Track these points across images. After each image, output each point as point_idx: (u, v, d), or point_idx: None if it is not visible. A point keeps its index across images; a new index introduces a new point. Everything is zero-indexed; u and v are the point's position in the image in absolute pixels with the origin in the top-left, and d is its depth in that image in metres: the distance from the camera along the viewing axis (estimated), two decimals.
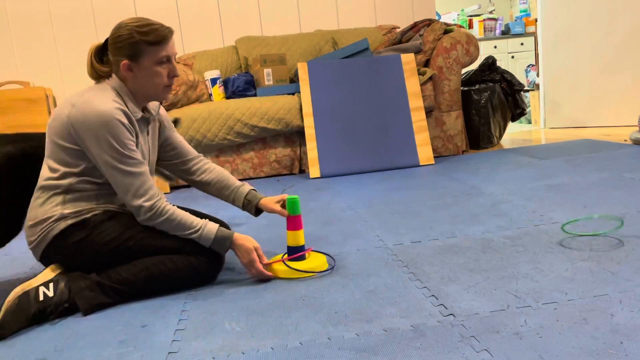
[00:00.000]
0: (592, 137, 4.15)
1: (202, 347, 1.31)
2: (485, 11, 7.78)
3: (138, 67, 1.66)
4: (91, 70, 1.71)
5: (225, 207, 2.95)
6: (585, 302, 1.34)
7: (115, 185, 1.64)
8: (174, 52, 1.71)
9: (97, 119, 1.58)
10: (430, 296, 1.48)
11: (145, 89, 1.69)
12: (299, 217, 1.82)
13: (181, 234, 1.68)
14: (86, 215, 1.65)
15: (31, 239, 1.67)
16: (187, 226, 1.67)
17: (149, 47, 1.63)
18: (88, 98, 1.62)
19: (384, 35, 4.49)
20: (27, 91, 4.08)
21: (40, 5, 4.41)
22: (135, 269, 1.65)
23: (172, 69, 1.71)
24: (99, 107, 1.59)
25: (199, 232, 1.67)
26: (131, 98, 1.70)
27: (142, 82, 1.68)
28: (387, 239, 2.05)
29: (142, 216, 1.64)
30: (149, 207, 1.63)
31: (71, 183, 1.65)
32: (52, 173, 1.66)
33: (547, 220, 2.07)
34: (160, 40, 1.65)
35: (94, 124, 1.58)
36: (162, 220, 1.65)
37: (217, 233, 1.69)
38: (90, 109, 1.59)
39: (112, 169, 1.61)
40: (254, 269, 1.72)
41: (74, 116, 1.60)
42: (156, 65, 1.67)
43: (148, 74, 1.67)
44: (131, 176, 1.62)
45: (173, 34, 1.69)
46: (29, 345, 1.43)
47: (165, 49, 1.67)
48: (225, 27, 4.70)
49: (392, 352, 1.20)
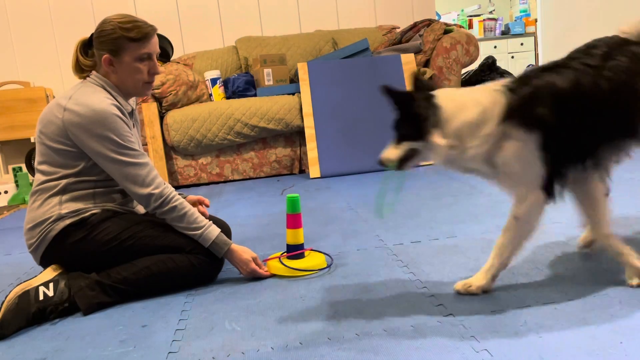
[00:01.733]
0: None
1: (202, 347, 1.31)
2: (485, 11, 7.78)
3: (119, 62, 1.66)
4: (75, 63, 1.72)
5: (225, 206, 2.95)
6: (585, 302, 1.34)
7: (122, 179, 1.64)
8: (155, 50, 1.71)
9: (95, 118, 1.58)
10: (430, 296, 1.48)
11: (125, 85, 1.70)
12: (299, 216, 1.82)
13: (184, 226, 1.67)
14: (85, 214, 1.65)
15: (30, 242, 1.67)
16: (193, 220, 1.67)
17: (130, 43, 1.64)
18: (80, 99, 1.62)
19: (384, 35, 4.49)
20: (27, 91, 4.08)
21: (40, 5, 4.41)
22: (136, 268, 1.65)
23: (152, 66, 1.71)
24: (94, 105, 1.60)
25: (201, 230, 1.68)
26: (118, 92, 1.71)
27: (123, 77, 1.69)
28: (387, 239, 2.05)
29: (153, 204, 1.64)
30: (159, 194, 1.63)
31: (68, 183, 1.65)
32: (48, 176, 1.65)
33: (547, 220, 2.07)
34: (142, 37, 1.66)
35: (92, 123, 1.59)
36: (171, 208, 1.65)
37: (217, 236, 1.69)
38: (85, 109, 1.59)
39: (117, 163, 1.61)
40: (255, 277, 1.75)
41: (69, 119, 1.60)
42: (136, 62, 1.67)
43: (128, 69, 1.68)
44: (137, 167, 1.63)
45: (156, 32, 1.70)
46: (29, 345, 1.43)
47: (147, 46, 1.67)
48: (225, 27, 4.69)
49: (392, 352, 1.20)
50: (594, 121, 1.37)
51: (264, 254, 1.97)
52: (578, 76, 1.36)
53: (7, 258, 2.35)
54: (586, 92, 1.35)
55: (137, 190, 1.63)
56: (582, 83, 1.35)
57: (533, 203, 1.41)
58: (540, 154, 1.36)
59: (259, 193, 3.27)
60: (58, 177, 1.64)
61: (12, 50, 4.41)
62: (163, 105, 3.80)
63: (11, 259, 2.32)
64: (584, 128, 1.37)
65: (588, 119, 1.37)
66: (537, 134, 1.35)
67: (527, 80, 1.38)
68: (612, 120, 1.39)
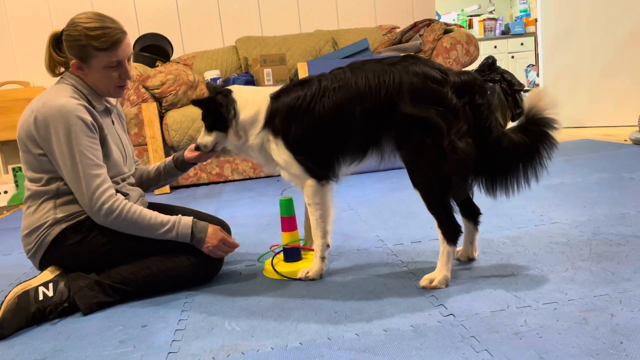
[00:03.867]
0: (592, 137, 4.15)
1: (202, 347, 1.31)
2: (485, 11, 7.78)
3: (88, 68, 1.62)
4: (49, 60, 1.68)
5: (225, 206, 2.95)
6: (585, 302, 1.34)
7: (73, 189, 1.58)
8: (126, 55, 1.64)
9: (56, 114, 1.54)
10: (430, 296, 1.48)
11: (97, 87, 1.66)
12: (294, 218, 1.82)
13: (154, 234, 1.63)
14: (80, 217, 1.63)
15: (28, 248, 1.66)
16: (154, 219, 1.62)
17: (97, 52, 1.58)
18: (45, 100, 1.58)
19: (384, 35, 4.49)
20: (27, 91, 4.09)
21: (40, 5, 4.41)
22: (135, 267, 1.65)
23: (123, 72, 1.65)
24: (56, 103, 1.55)
25: (170, 225, 1.63)
26: (91, 91, 1.66)
27: (93, 81, 1.65)
28: (387, 239, 2.05)
29: (103, 219, 1.58)
30: (108, 209, 1.57)
31: (59, 187, 1.62)
32: (36, 182, 1.63)
33: (547, 220, 2.07)
34: (109, 47, 1.59)
35: (53, 121, 1.54)
36: (127, 221, 1.59)
37: (193, 225, 1.66)
38: (48, 108, 1.55)
39: (70, 167, 1.55)
40: (225, 245, 1.72)
41: (36, 121, 1.56)
42: (106, 70, 1.62)
43: (98, 76, 1.63)
44: (87, 177, 1.56)
45: (126, 36, 1.63)
46: (29, 345, 1.43)
47: (116, 54, 1.61)
48: (225, 27, 4.69)
49: (392, 352, 1.20)
50: (318, 134, 1.61)
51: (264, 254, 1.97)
52: (307, 93, 1.60)
53: (6, 258, 2.35)
54: (307, 108, 1.59)
55: (86, 202, 1.57)
56: (306, 100, 1.59)
57: (309, 190, 1.66)
58: (292, 154, 1.62)
59: (259, 193, 3.27)
60: (46, 180, 1.62)
61: (12, 50, 4.41)
62: (163, 105, 3.80)
63: (11, 259, 2.32)
64: (313, 138, 1.61)
65: (314, 132, 1.60)
66: (282, 139, 1.63)
67: (280, 93, 1.66)
68: (331, 135, 1.61)
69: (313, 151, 1.63)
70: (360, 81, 1.55)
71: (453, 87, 1.49)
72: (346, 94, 1.56)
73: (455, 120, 1.46)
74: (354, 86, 1.56)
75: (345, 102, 1.56)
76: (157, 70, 3.85)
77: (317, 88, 1.60)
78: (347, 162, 1.66)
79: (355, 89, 1.55)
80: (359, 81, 1.55)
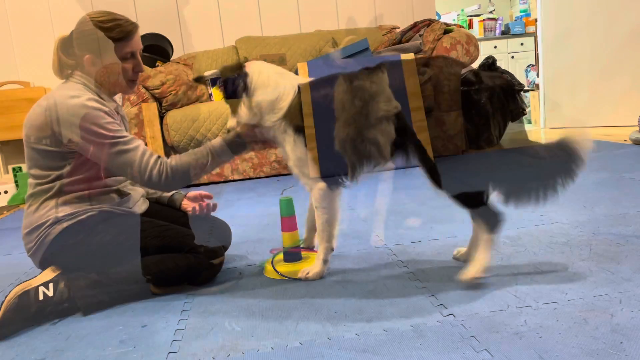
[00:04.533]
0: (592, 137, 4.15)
1: (202, 347, 1.31)
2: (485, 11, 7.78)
3: (102, 62, 1.63)
4: (57, 63, 1.68)
5: (225, 206, 2.95)
6: (585, 302, 1.34)
7: (119, 169, 1.61)
8: (138, 47, 1.68)
9: (75, 113, 1.54)
10: (430, 296, 1.48)
11: (109, 83, 1.67)
12: (294, 218, 1.82)
13: (209, 170, 1.66)
14: (81, 216, 1.63)
15: (29, 246, 1.66)
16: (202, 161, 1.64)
17: (112, 43, 1.61)
18: (59, 98, 1.58)
19: (384, 35, 4.49)
20: (27, 91, 4.08)
21: (40, 5, 4.41)
22: (135, 267, 1.64)
23: (136, 64, 1.68)
24: (71, 102, 1.56)
25: (208, 150, 1.65)
26: (101, 90, 1.67)
27: (106, 76, 1.65)
28: (387, 239, 2.05)
29: (160, 184, 1.61)
30: (158, 173, 1.59)
31: (62, 185, 1.62)
32: (40, 180, 1.63)
33: (547, 220, 2.07)
34: (124, 37, 1.62)
35: (74, 120, 1.54)
36: (179, 177, 1.62)
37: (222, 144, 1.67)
38: (65, 107, 1.55)
39: (108, 155, 1.57)
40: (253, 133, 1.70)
41: (51, 118, 1.56)
42: (120, 61, 1.64)
43: (112, 69, 1.64)
44: (129, 153, 1.58)
45: (138, 29, 1.67)
46: (29, 345, 1.43)
47: (130, 44, 1.64)
48: (225, 27, 4.69)
49: (392, 352, 1.20)
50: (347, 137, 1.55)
51: (264, 254, 1.97)
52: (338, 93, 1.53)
53: (7, 258, 2.35)
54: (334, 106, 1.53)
55: (137, 178, 1.60)
56: (331, 98, 1.54)
57: (319, 193, 1.63)
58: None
59: (259, 193, 3.27)
60: (51, 179, 1.62)
61: (12, 50, 4.41)
62: (163, 105, 3.80)
63: (11, 259, 2.32)
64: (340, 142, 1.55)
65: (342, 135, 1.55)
66: (303, 137, 1.55)
67: (312, 86, 1.56)
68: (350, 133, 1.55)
69: (336, 154, 1.56)
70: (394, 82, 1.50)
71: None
72: (378, 96, 1.52)
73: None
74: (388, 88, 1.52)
75: (376, 105, 1.52)
76: (157, 70, 3.85)
77: (347, 88, 1.54)
78: (370, 167, 1.60)
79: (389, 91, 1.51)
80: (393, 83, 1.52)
